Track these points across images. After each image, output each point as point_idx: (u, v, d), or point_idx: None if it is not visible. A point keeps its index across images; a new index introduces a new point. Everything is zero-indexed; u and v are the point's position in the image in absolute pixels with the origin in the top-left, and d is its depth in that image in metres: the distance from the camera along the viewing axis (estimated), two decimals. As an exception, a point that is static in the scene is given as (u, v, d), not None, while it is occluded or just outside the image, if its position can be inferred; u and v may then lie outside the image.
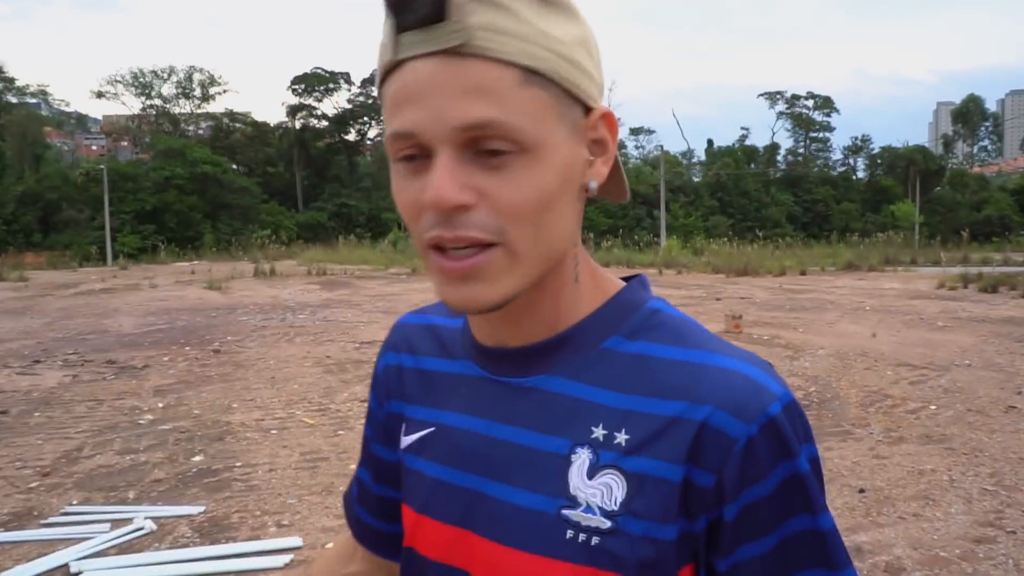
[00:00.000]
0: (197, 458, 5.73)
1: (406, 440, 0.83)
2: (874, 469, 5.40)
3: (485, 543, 0.72)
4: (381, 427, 0.90)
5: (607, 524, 0.67)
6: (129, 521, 4.52)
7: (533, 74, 0.65)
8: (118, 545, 4.23)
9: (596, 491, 0.68)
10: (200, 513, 4.68)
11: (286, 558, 4.04)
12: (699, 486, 0.66)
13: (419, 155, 0.65)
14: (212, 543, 4.25)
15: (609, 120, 0.71)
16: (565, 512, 0.69)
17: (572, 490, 0.69)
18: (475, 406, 0.77)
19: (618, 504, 0.68)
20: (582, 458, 0.69)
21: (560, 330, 0.74)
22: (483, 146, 0.63)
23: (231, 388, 8.06)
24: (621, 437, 0.69)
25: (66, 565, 3.98)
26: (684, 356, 0.71)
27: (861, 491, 4.98)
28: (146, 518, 4.53)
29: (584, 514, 0.68)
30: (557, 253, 0.70)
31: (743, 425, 0.66)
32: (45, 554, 4.12)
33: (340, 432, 6.38)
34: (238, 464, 5.57)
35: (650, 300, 0.77)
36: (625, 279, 0.80)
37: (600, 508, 0.68)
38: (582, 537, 0.68)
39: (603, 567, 0.67)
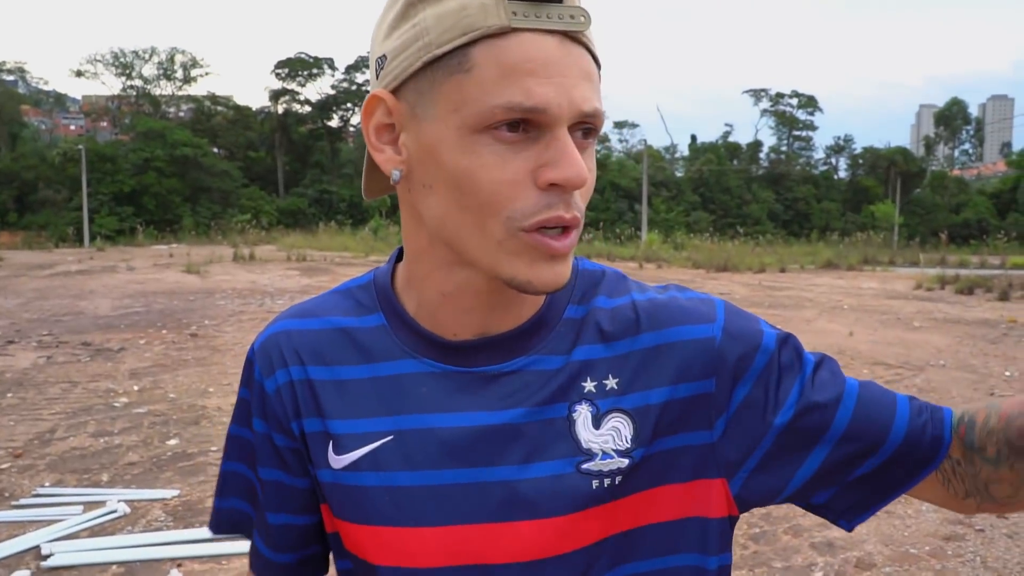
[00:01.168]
0: (172, 442, 5.69)
1: (342, 459, 0.75)
2: (848, 466, 5.45)
3: (509, 527, 0.71)
4: (276, 453, 0.80)
5: (625, 462, 0.72)
6: (102, 504, 4.49)
7: (599, 70, 0.69)
8: (90, 528, 4.20)
9: (607, 436, 0.72)
10: (174, 497, 4.65)
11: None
12: (701, 395, 0.73)
13: (524, 128, 0.64)
14: (186, 527, 4.22)
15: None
16: (584, 466, 0.72)
17: (584, 444, 0.72)
18: (446, 402, 0.73)
19: (629, 441, 0.72)
20: (583, 413, 0.73)
21: (534, 312, 0.76)
22: (584, 129, 0.67)
23: (208, 372, 8.01)
24: (611, 382, 0.73)
25: (37, 547, 3.95)
26: (630, 299, 0.78)
27: (834, 487, 5.02)
28: (119, 501, 4.49)
29: (603, 461, 0.72)
30: None
31: (708, 327, 0.75)
32: (16, 536, 4.08)
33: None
34: (213, 448, 5.55)
35: (580, 262, 0.81)
36: None
37: (615, 451, 0.72)
38: (607, 482, 0.71)
39: (631, 493, 0.73)
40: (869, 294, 17.35)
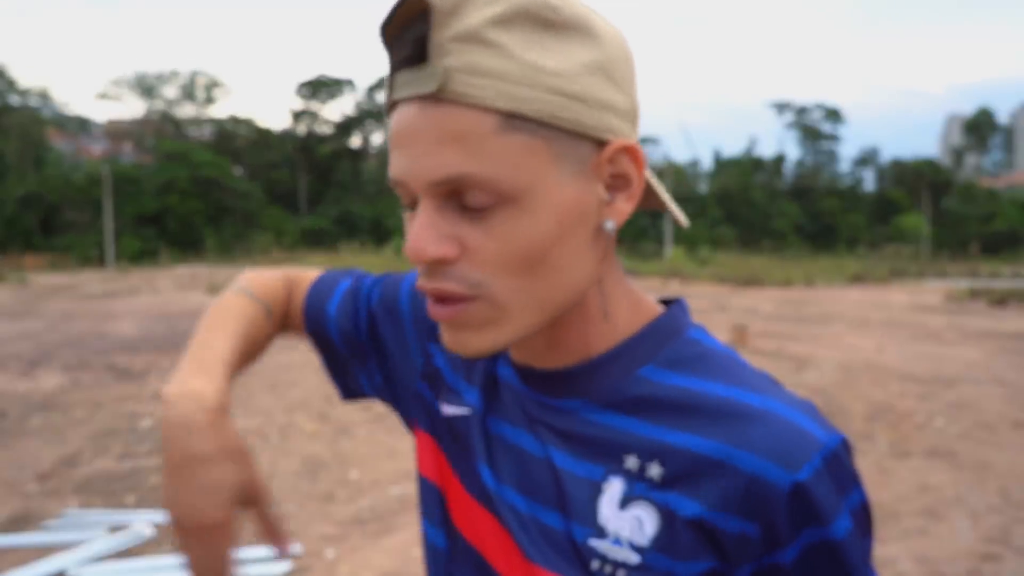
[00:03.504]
0: (197, 463, 5.68)
1: (448, 409, 0.80)
2: (879, 483, 5.35)
3: (515, 549, 0.70)
4: (405, 330, 0.88)
5: (635, 559, 0.64)
6: (128, 526, 4.48)
7: (515, 118, 0.60)
8: (117, 550, 4.19)
9: (626, 523, 0.65)
10: (199, 520, 4.63)
11: (285, 565, 4.00)
12: (740, 535, 0.62)
13: (412, 202, 0.64)
14: (210, 550, 4.20)
15: (632, 153, 0.65)
16: (592, 542, 0.66)
17: (602, 520, 0.66)
18: (514, 416, 0.74)
19: (648, 540, 0.64)
20: (614, 487, 0.66)
21: (592, 356, 0.70)
22: (462, 199, 0.61)
23: (231, 394, 8.02)
24: (654, 470, 0.65)
25: (64, 570, 3.94)
26: (724, 392, 0.65)
27: (867, 506, 4.93)
28: (145, 523, 4.48)
29: (613, 546, 0.65)
30: (561, 303, 0.65)
31: (788, 473, 0.61)
32: (43, 558, 4.08)
33: (340, 439, 6.34)
34: (238, 470, 5.53)
35: (689, 328, 0.71)
36: (665, 301, 0.75)
37: (629, 542, 0.65)
38: (608, 569, 0.65)
39: None
40: (898, 308, 17.16)
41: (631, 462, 0.66)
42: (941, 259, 38.73)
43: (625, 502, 0.65)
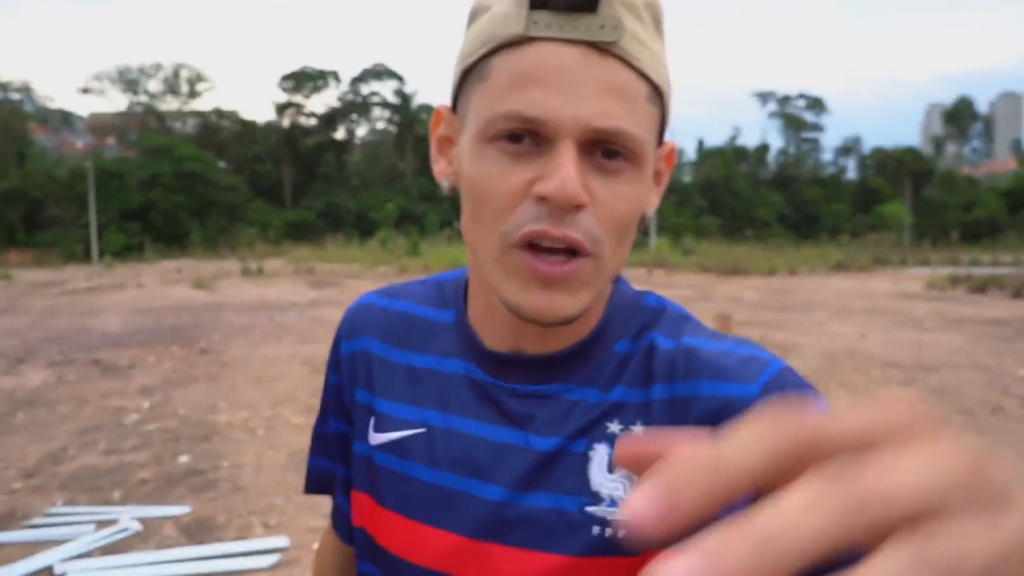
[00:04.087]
0: (183, 458, 5.68)
1: (379, 437, 0.78)
2: (863, 470, 5.40)
3: (508, 551, 0.70)
4: (345, 407, 0.86)
5: None
6: (114, 522, 4.48)
7: (657, 93, 0.65)
8: (103, 546, 4.19)
9: (618, 483, 0.68)
10: (186, 514, 4.64)
11: (273, 558, 4.01)
12: None
13: (530, 140, 0.63)
14: (198, 544, 4.21)
15: (672, 155, 0.72)
16: (589, 509, 0.68)
17: (594, 486, 0.68)
18: (480, 411, 0.74)
19: None
20: (600, 453, 0.69)
21: (582, 337, 0.73)
22: (604, 149, 0.63)
23: (217, 388, 8.01)
24: (637, 429, 0.68)
25: (50, 567, 3.94)
26: (680, 343, 0.71)
27: (850, 492, 4.98)
28: (131, 519, 4.48)
29: (608, 508, 0.67)
30: (619, 272, 0.71)
31: (747, 386, 0.66)
32: (29, 556, 4.07)
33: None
34: (224, 464, 5.53)
35: (644, 297, 0.77)
36: None
37: (624, 501, 0.67)
38: (609, 531, 0.67)
39: (634, 554, 0.67)
40: (881, 295, 17.27)
41: (613, 427, 0.69)
42: (922, 247, 38.94)
43: (612, 465, 0.67)
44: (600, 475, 0.68)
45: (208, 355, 9.94)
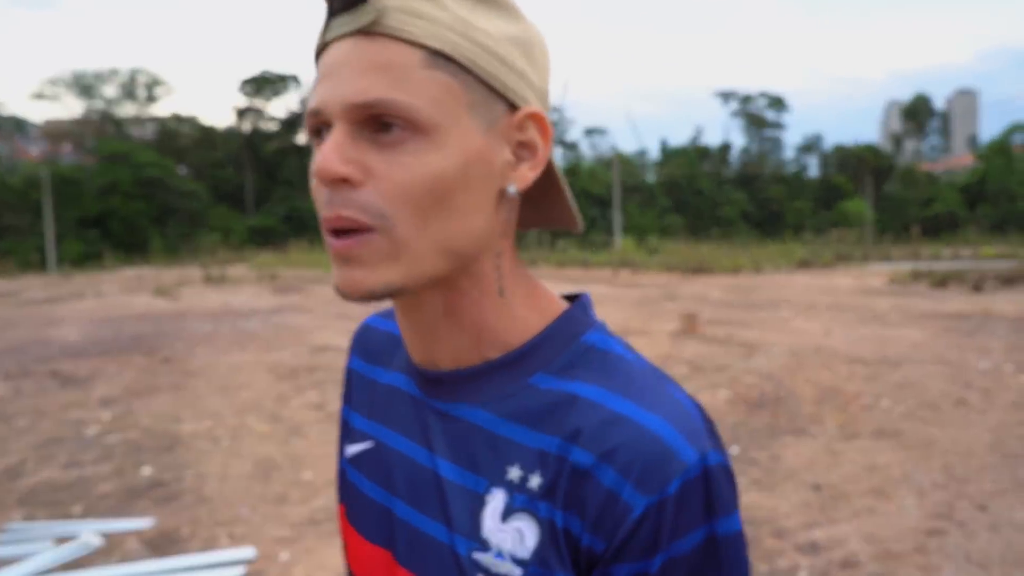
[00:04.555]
0: (146, 470, 5.58)
1: (349, 450, 0.82)
2: (829, 465, 5.45)
3: (402, 571, 0.71)
4: (345, 424, 0.89)
5: (517, 572, 0.64)
6: (75, 537, 4.39)
7: (440, 57, 0.63)
8: (64, 563, 4.10)
9: (507, 536, 0.65)
10: (150, 527, 4.56)
11: (239, 570, 3.95)
12: (588, 547, 0.62)
13: (325, 131, 0.65)
14: (162, 557, 4.13)
15: (539, 122, 0.68)
16: (476, 555, 0.66)
17: (485, 532, 0.66)
18: (407, 426, 0.75)
19: (529, 552, 0.64)
20: (497, 499, 0.66)
21: (491, 357, 0.70)
22: (376, 129, 0.63)
23: (181, 397, 7.89)
24: (535, 480, 0.65)
25: (7, 585, 3.85)
26: (604, 401, 0.65)
27: (816, 487, 5.02)
28: (93, 533, 4.39)
29: (495, 560, 0.65)
30: (460, 252, 0.66)
31: (641, 496, 0.60)
32: (-15, 574, 3.97)
33: (293, 440, 6.27)
34: (188, 475, 5.44)
35: (587, 332, 0.71)
36: (569, 297, 0.76)
37: (511, 555, 0.65)
38: None
39: None
40: (844, 291, 17.48)
41: (513, 473, 0.66)
42: (884, 243, 39.52)
43: (507, 514, 0.65)
44: (493, 522, 0.66)
45: (171, 364, 9.80)
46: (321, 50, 0.67)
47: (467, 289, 0.68)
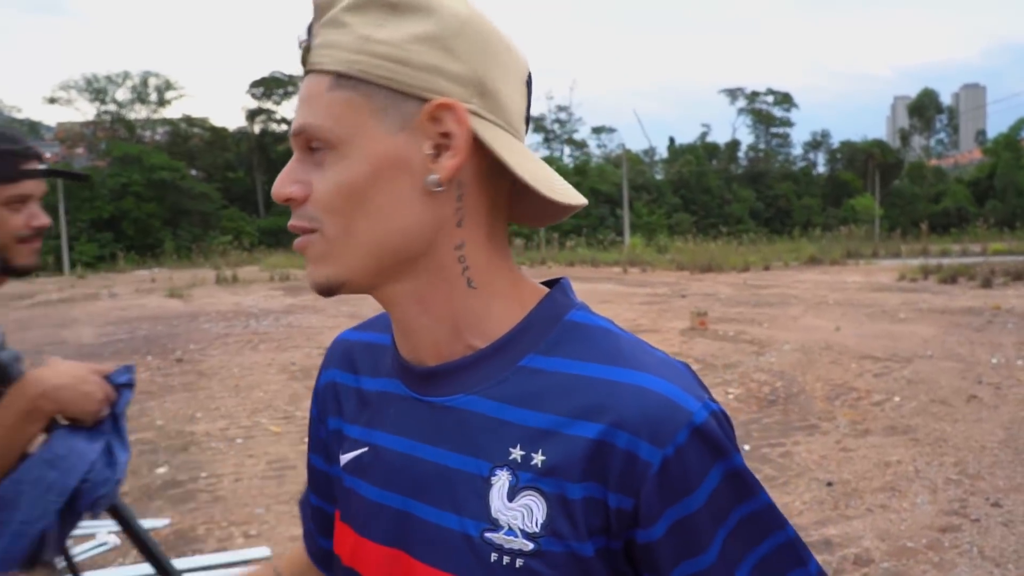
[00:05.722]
0: (161, 470, 5.63)
1: (344, 458, 0.83)
2: (841, 462, 5.45)
3: (419, 565, 0.73)
4: (321, 441, 0.92)
5: (530, 546, 0.68)
6: (91, 536, 4.43)
7: (342, 77, 0.70)
8: (79, 561, 4.14)
9: (517, 513, 0.69)
10: (165, 526, 4.60)
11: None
12: (618, 508, 0.67)
13: None
14: (178, 556, 4.17)
15: (453, 110, 0.69)
16: (488, 535, 0.69)
17: (494, 513, 0.70)
18: (401, 426, 0.77)
19: (539, 525, 0.68)
20: (502, 480, 0.70)
21: (478, 347, 0.74)
22: (310, 147, 0.72)
23: (195, 397, 7.94)
24: (538, 458, 0.69)
25: (26, 584, 3.88)
26: (598, 372, 0.70)
27: (829, 484, 5.02)
28: (109, 533, 4.43)
29: (507, 537, 0.69)
30: (394, 247, 0.71)
31: (656, 449, 0.66)
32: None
33: (307, 439, 6.29)
34: (203, 475, 5.49)
35: (570, 311, 0.76)
36: (547, 283, 0.80)
37: (522, 530, 0.69)
38: (506, 560, 0.69)
39: None
40: (854, 288, 17.43)
41: (516, 453, 0.70)
42: (893, 239, 39.34)
43: (513, 493, 0.69)
44: (500, 502, 0.70)
45: (184, 364, 9.85)
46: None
47: (434, 282, 0.73)
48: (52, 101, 56.19)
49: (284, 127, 58.87)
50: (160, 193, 45.91)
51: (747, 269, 24.67)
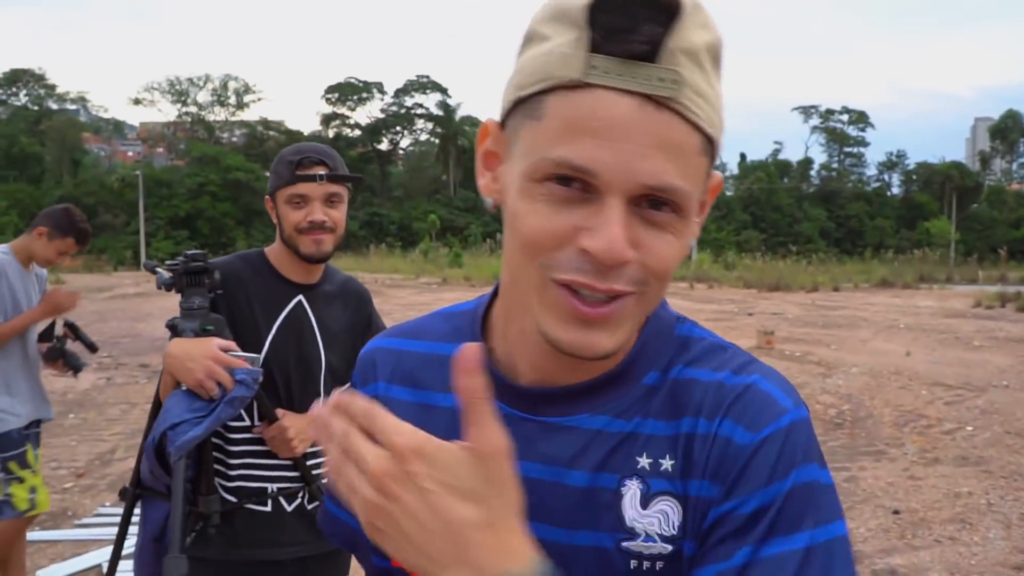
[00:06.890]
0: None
1: None
2: (909, 490, 5.32)
3: None
4: None
5: (669, 548, 0.68)
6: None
7: (710, 144, 0.64)
8: (150, 547, 4.26)
9: (653, 519, 0.69)
10: (231, 517, 4.70)
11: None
12: (709, 496, 0.68)
13: (579, 185, 0.62)
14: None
15: (718, 187, 0.71)
16: (625, 544, 0.69)
17: (628, 522, 0.69)
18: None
19: (676, 528, 0.68)
20: (632, 489, 0.69)
21: (609, 368, 0.73)
22: (653, 204, 0.62)
23: (262, 394, 8.10)
24: (667, 463, 0.70)
25: (99, 565, 4.02)
26: (714, 378, 0.72)
27: (896, 512, 4.91)
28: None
29: (645, 543, 0.69)
30: (659, 302, 0.72)
31: (751, 434, 0.67)
32: (79, 554, 4.17)
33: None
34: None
35: (676, 326, 0.77)
36: None
37: (659, 535, 0.68)
38: (646, 565, 0.68)
39: None
40: (926, 313, 16.98)
41: (643, 461, 0.70)
42: (969, 264, 38.22)
43: (646, 501, 0.69)
44: (634, 511, 0.69)
45: (252, 362, 10.05)
46: (571, 86, 0.61)
47: None
48: (137, 102, 58.17)
49: (357, 132, 59.81)
50: (235, 193, 47.06)
51: (816, 289, 24.22)
